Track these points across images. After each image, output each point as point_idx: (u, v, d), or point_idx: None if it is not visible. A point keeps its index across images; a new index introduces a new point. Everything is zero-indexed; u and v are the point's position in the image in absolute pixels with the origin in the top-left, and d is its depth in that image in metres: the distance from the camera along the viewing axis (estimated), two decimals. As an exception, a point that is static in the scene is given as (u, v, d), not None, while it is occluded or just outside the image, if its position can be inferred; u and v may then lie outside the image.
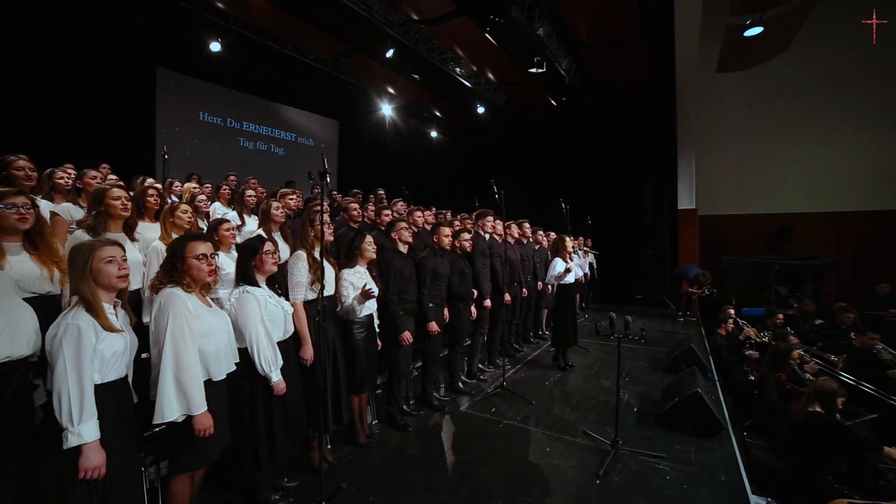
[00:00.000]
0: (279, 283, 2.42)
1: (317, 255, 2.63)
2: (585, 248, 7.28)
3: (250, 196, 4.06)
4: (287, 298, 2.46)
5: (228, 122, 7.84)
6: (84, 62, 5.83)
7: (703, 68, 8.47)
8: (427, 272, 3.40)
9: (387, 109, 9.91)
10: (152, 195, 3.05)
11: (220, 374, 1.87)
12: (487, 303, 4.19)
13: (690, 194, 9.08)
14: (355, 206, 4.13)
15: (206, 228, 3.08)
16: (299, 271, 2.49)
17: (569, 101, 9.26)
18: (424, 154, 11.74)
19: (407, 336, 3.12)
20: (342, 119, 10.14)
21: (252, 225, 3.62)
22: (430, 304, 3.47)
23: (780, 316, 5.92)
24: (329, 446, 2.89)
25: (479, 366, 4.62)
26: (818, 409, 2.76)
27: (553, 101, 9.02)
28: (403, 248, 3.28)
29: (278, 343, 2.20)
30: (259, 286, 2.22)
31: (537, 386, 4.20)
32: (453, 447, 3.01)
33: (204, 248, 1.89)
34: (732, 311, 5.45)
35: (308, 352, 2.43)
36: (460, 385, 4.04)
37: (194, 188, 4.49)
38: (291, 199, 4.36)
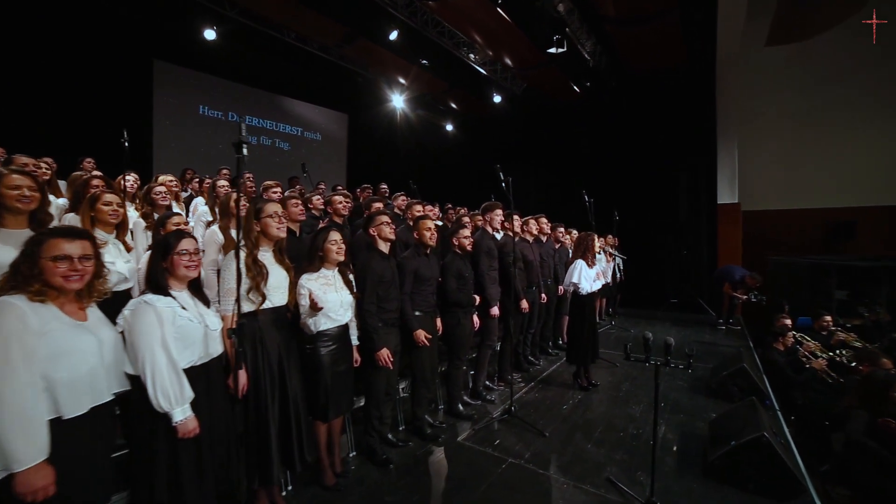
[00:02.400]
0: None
1: (266, 255, 2.10)
2: (610, 250, 6.50)
3: (223, 187, 3.60)
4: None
5: (230, 116, 7.52)
6: (78, 56, 5.58)
7: (748, 43, 7.50)
8: (407, 275, 2.82)
9: (398, 101, 9.39)
10: (97, 186, 2.62)
11: (78, 409, 1.34)
12: (494, 311, 3.55)
13: (732, 187, 8.10)
14: (340, 199, 3.58)
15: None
16: (231, 275, 1.95)
17: (593, 86, 8.45)
18: (439, 148, 11.16)
19: (384, 355, 2.54)
20: (351, 112, 9.70)
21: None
22: (417, 313, 2.89)
23: (828, 318, 5.00)
24: (286, 491, 2.35)
25: (487, 383, 4.00)
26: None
27: (576, 87, 8.25)
28: (384, 248, 2.71)
29: (193, 368, 1.67)
30: (172, 295, 1.69)
31: (553, 410, 3.53)
32: (442, 495, 2.41)
33: (70, 247, 1.38)
34: (789, 322, 4.59)
35: (240, 378, 1.88)
36: (460, 408, 3.42)
37: (171, 181, 4.06)
38: (275, 192, 3.91)
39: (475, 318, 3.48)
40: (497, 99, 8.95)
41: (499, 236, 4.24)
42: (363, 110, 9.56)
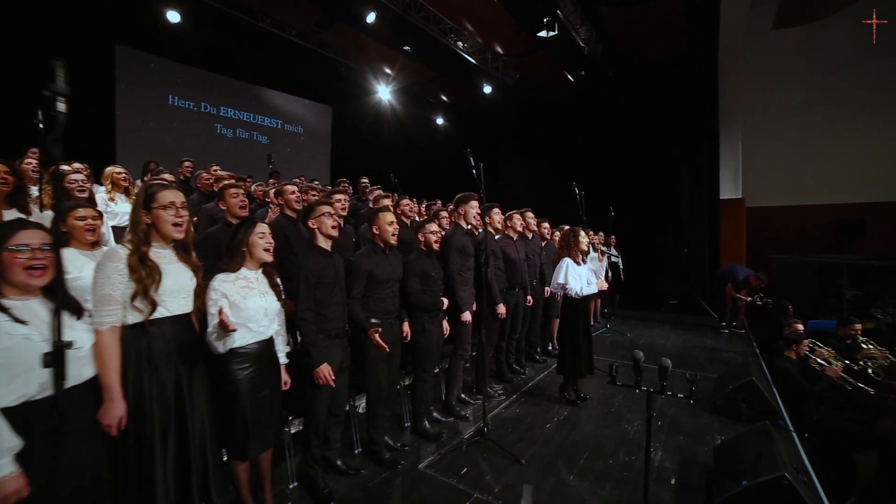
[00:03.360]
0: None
1: (162, 252, 1.68)
2: (603, 248, 6.07)
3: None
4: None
5: (203, 106, 7.09)
6: (32, 40, 5.16)
7: (754, 27, 7.07)
8: (359, 276, 2.40)
9: (384, 92, 8.96)
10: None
11: None
12: (466, 316, 3.13)
13: (736, 181, 7.68)
14: (293, 189, 3.16)
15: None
16: (107, 279, 1.53)
17: (589, 75, 8.01)
18: (430, 142, 10.73)
19: (324, 372, 2.12)
20: (335, 104, 9.27)
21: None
22: (374, 320, 2.47)
23: (859, 326, 4.57)
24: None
25: (463, 396, 3.58)
26: None
27: (570, 76, 7.81)
28: (325, 244, 2.29)
29: (30, 404, 1.26)
30: (2, 306, 1.28)
31: (534, 430, 3.11)
32: (389, 542, 1.99)
33: None
34: (802, 327, 4.16)
35: (112, 412, 1.46)
36: (427, 426, 3.01)
37: (119, 173, 3.63)
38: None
39: (445, 324, 3.08)
40: (488, 89, 8.52)
41: (475, 231, 3.84)
42: (348, 102, 9.13)
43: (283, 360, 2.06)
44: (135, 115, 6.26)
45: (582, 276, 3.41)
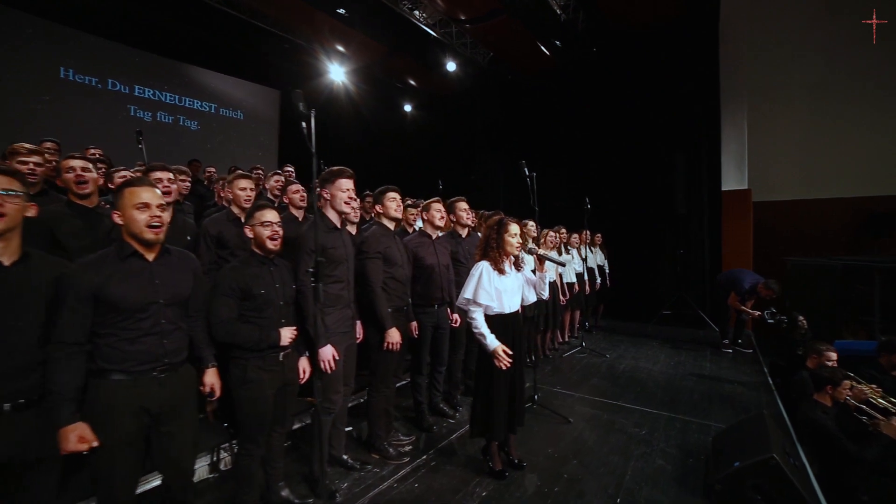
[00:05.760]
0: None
1: None
2: (543, 253, 4.93)
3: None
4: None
5: (110, 83, 6.04)
6: None
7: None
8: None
9: (337, 73, 7.89)
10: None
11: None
12: (324, 354, 2.03)
13: (741, 171, 6.53)
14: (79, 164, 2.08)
15: None
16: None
17: (569, 50, 6.89)
18: (398, 131, 9.64)
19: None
20: (283, 88, 8.21)
21: None
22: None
23: None
24: None
25: (345, 457, 2.48)
26: None
27: (545, 49, 6.70)
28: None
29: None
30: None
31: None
32: None
33: None
34: (835, 356, 3.02)
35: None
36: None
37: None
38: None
39: (302, 364, 2.01)
40: (451, 66, 7.43)
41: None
42: (296, 85, 8.04)
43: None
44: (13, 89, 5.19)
45: (505, 291, 2.29)
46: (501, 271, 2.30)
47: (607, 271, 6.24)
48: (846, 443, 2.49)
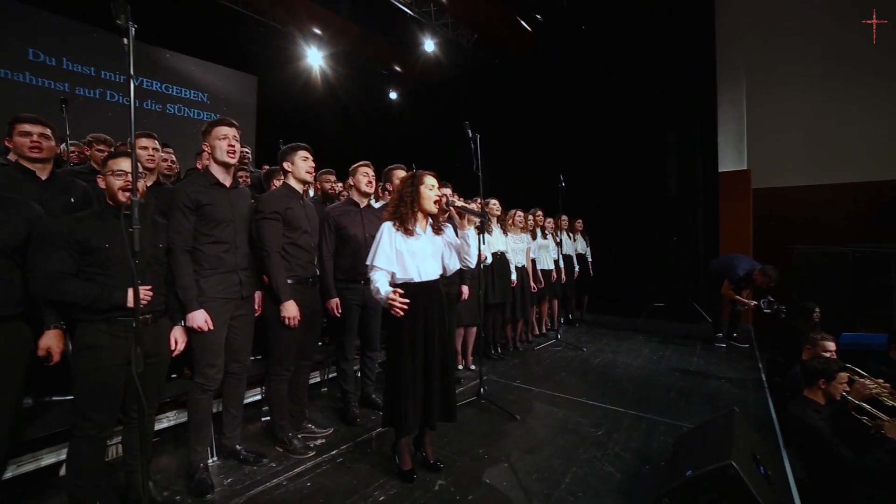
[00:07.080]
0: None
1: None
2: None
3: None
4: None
5: (66, 63, 5.80)
6: None
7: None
8: None
9: (315, 57, 7.58)
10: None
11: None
12: (195, 320, 1.70)
13: (739, 149, 6.00)
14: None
15: None
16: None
17: (555, 29, 6.45)
18: (384, 119, 9.30)
19: None
20: (260, 73, 7.92)
21: None
22: None
23: None
24: None
25: (238, 447, 2.11)
26: None
27: (525, 24, 6.27)
28: None
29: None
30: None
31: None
32: None
33: None
34: (833, 346, 2.53)
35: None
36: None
37: None
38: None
39: (176, 334, 1.66)
40: (430, 47, 7.05)
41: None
42: (273, 70, 7.77)
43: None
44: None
45: (413, 255, 1.88)
46: (409, 231, 1.90)
47: (589, 260, 5.76)
48: (840, 448, 2.01)
